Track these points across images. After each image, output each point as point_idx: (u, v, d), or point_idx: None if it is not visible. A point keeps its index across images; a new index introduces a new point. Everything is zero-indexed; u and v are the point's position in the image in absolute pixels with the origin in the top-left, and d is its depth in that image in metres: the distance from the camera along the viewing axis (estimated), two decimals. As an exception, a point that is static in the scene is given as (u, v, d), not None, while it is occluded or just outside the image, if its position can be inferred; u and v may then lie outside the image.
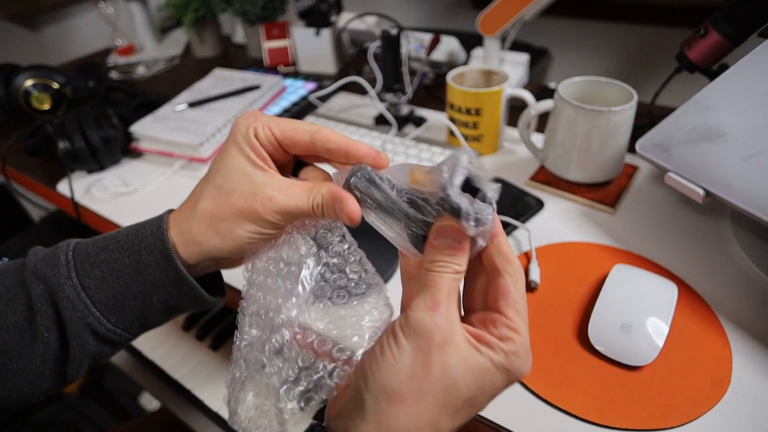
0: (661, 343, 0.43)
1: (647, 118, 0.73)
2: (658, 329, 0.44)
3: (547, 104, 0.64)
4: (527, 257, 0.55)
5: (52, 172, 0.81)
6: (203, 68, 1.11)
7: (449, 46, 0.96)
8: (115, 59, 1.26)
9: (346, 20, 1.01)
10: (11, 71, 0.90)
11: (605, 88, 0.63)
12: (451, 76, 0.73)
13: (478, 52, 0.94)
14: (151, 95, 0.92)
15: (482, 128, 0.72)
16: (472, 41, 0.96)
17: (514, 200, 0.64)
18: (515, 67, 0.91)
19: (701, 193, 0.47)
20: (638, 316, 0.45)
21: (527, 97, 0.69)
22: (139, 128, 0.80)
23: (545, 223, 0.61)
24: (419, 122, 0.82)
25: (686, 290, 0.50)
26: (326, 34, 1.01)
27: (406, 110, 0.82)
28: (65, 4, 1.41)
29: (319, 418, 0.29)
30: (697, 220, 0.59)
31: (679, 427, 0.39)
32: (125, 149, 0.81)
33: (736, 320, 0.47)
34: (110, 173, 0.80)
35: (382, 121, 0.82)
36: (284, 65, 1.11)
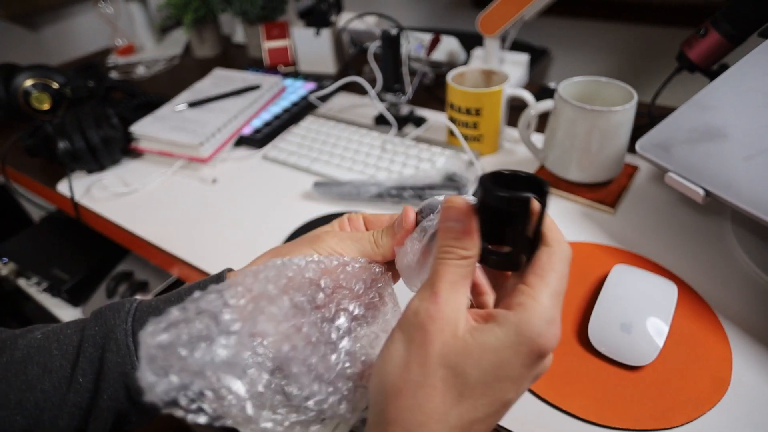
0: (661, 343, 0.43)
1: (647, 118, 0.73)
2: (658, 329, 0.44)
3: (547, 104, 0.64)
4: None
5: (52, 172, 0.81)
6: (203, 68, 1.11)
7: (449, 46, 0.96)
8: (114, 59, 1.26)
9: (346, 20, 1.01)
10: (11, 71, 0.90)
11: (605, 88, 0.63)
12: (451, 76, 0.73)
13: (478, 52, 0.94)
14: (151, 95, 0.92)
15: (482, 128, 0.72)
16: (472, 41, 0.96)
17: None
18: (515, 67, 0.91)
19: (701, 193, 0.47)
20: (638, 316, 0.45)
21: (527, 97, 0.69)
22: (139, 128, 0.81)
23: (545, 223, 0.61)
24: (419, 122, 0.82)
25: (686, 290, 0.50)
26: (326, 34, 1.01)
27: (406, 110, 0.82)
28: (65, 4, 1.41)
29: None
30: (697, 220, 0.59)
31: (679, 427, 0.39)
32: (125, 149, 0.81)
33: (736, 320, 0.47)
34: (110, 173, 0.80)
35: (382, 121, 0.82)
36: (284, 65, 1.11)
